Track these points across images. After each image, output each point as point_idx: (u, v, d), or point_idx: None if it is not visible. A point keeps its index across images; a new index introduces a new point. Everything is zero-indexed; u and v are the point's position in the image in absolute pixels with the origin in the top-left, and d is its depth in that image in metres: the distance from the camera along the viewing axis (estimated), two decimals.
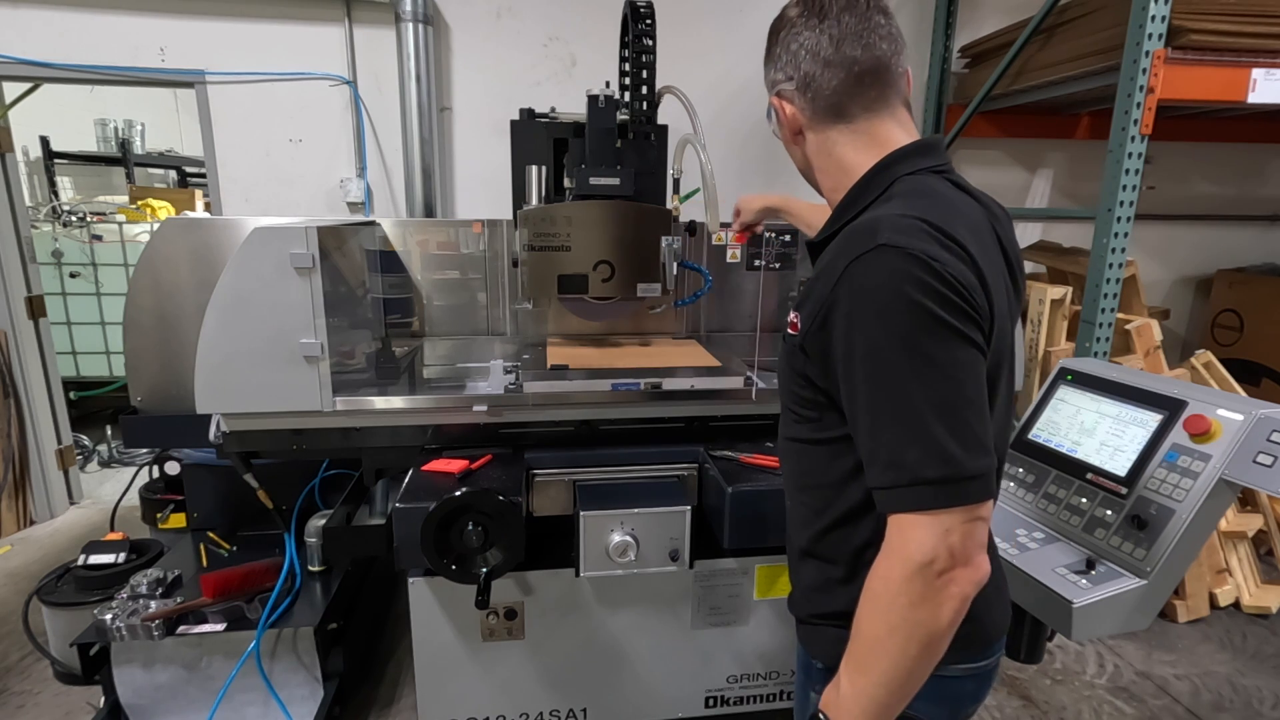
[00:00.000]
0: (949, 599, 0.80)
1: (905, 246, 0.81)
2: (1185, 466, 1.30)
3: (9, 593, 2.90)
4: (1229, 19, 2.36)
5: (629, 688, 1.99)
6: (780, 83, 1.02)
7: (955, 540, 0.79)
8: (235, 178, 3.26)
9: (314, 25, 3.15)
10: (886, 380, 0.81)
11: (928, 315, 0.79)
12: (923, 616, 0.80)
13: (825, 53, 0.96)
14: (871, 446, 0.84)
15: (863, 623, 0.85)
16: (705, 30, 3.33)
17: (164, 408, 2.11)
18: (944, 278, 0.80)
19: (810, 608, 1.05)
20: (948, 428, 0.79)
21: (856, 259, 0.83)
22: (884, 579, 0.83)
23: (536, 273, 2.04)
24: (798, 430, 1.02)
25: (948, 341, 0.80)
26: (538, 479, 1.83)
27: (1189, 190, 3.98)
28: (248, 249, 1.60)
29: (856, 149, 0.99)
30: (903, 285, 0.80)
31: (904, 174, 0.95)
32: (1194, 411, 1.35)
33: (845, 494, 0.95)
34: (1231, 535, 2.91)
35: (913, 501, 0.80)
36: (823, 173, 1.04)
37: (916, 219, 0.84)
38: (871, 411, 0.83)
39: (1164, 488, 1.32)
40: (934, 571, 0.79)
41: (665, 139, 2.23)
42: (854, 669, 0.86)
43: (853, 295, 0.83)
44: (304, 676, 2.03)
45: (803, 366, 0.95)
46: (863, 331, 0.82)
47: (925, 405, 0.80)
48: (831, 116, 0.99)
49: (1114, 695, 2.42)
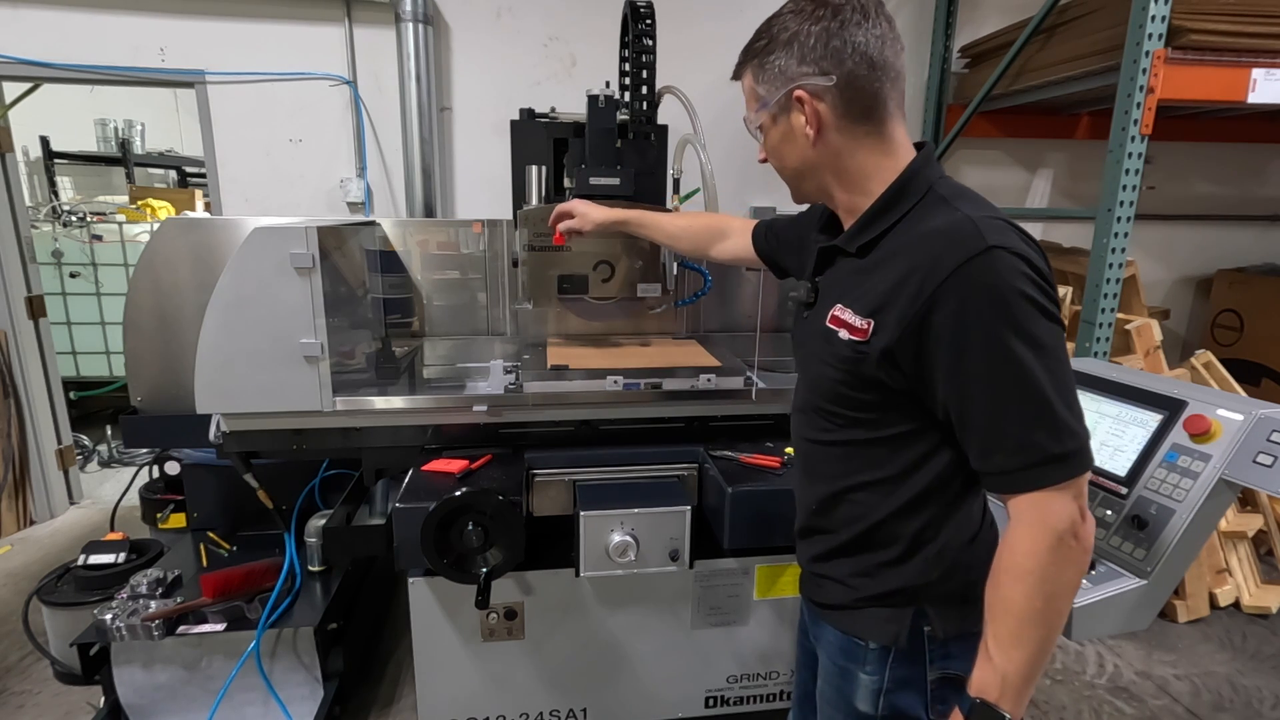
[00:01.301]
0: (1085, 552, 0.89)
1: (1010, 247, 0.87)
2: (1185, 466, 1.30)
3: (9, 593, 2.90)
4: (1229, 19, 2.36)
5: (629, 688, 1.99)
6: (807, 77, 0.97)
7: (1082, 502, 0.89)
8: (235, 178, 3.26)
9: (314, 25, 3.15)
10: (1011, 371, 0.86)
11: (1039, 308, 0.87)
12: (1071, 576, 0.89)
13: (874, 53, 0.95)
14: (992, 434, 0.89)
15: (1015, 601, 0.89)
16: (705, 30, 3.33)
17: (164, 408, 2.10)
18: (1042, 273, 0.89)
19: (860, 593, 1.07)
20: (1066, 405, 0.87)
21: (969, 260, 0.87)
22: (1033, 555, 0.88)
23: (536, 273, 2.04)
24: (848, 433, 1.04)
25: (1054, 330, 0.88)
26: (538, 479, 1.83)
27: (1189, 190, 3.98)
28: (248, 249, 1.60)
29: (878, 153, 1.00)
30: (1019, 282, 0.86)
31: (935, 178, 0.99)
32: (1194, 411, 1.35)
33: (907, 485, 1.01)
34: (1231, 535, 2.91)
35: (1050, 477, 0.87)
36: (839, 175, 1.03)
37: (1002, 220, 0.91)
38: (995, 402, 0.88)
39: (1164, 488, 1.32)
40: (1072, 534, 0.87)
41: (665, 139, 2.23)
42: (1010, 644, 0.90)
43: (969, 295, 0.87)
44: (304, 676, 2.03)
45: (874, 370, 0.96)
46: (984, 326, 0.86)
47: (1048, 389, 0.86)
48: (863, 119, 0.99)
49: (1114, 695, 2.42)
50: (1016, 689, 0.90)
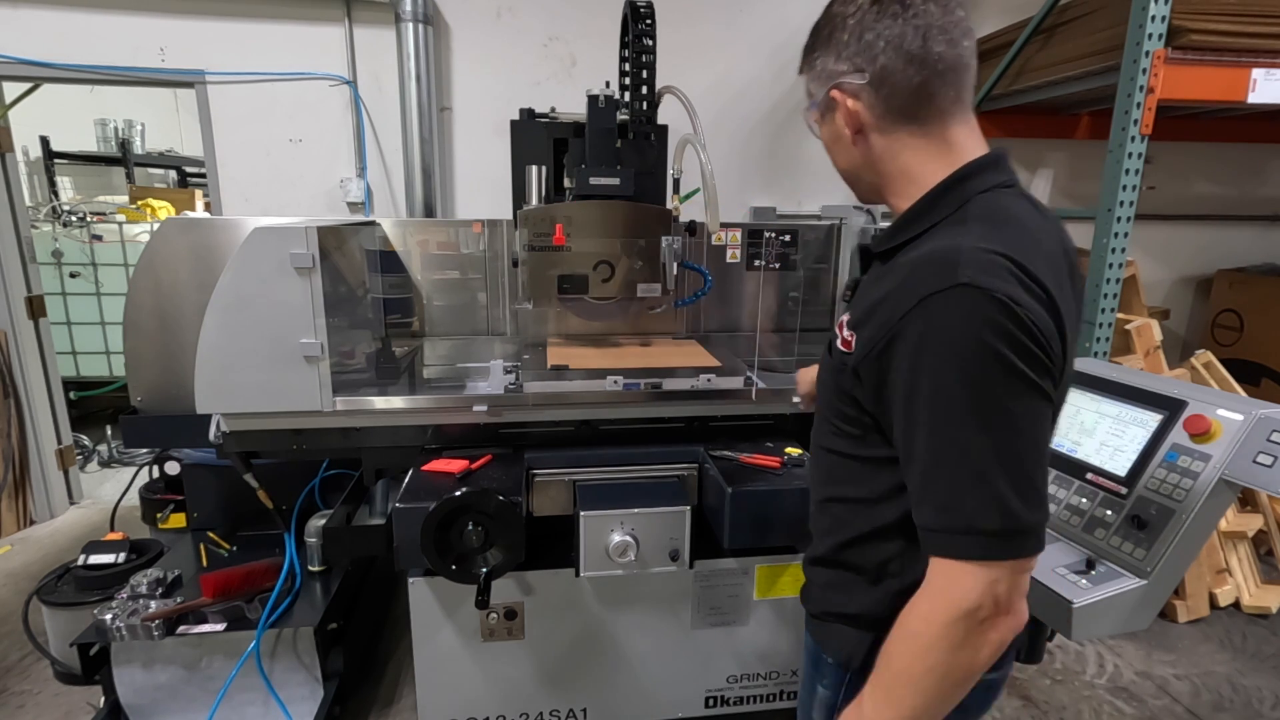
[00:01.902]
0: (988, 644, 0.80)
1: (989, 288, 0.76)
2: (1185, 466, 1.30)
3: (9, 593, 2.90)
4: (1229, 19, 2.36)
5: (629, 688, 1.99)
6: (844, 75, 0.90)
7: (1001, 590, 0.79)
8: (235, 178, 3.26)
9: (314, 25, 3.15)
10: (952, 426, 0.78)
11: (1004, 365, 0.76)
12: (961, 660, 0.81)
13: (911, 46, 0.86)
14: (925, 486, 0.82)
15: (896, 657, 0.85)
16: (705, 30, 3.33)
17: (164, 408, 2.10)
18: (1025, 325, 0.76)
19: (826, 604, 1.05)
20: (1010, 481, 0.78)
21: (934, 294, 0.78)
22: (925, 620, 0.82)
23: (536, 273, 2.04)
24: (835, 443, 1.00)
25: (1021, 394, 0.77)
26: (538, 479, 1.83)
27: (1189, 190, 3.98)
28: (248, 249, 1.60)
29: (926, 156, 0.91)
30: (982, 331, 0.76)
31: (978, 191, 0.89)
32: (1194, 411, 1.35)
33: (878, 511, 0.95)
34: (1231, 535, 2.91)
35: (964, 549, 0.79)
36: (885, 179, 0.96)
37: (1000, 255, 0.79)
38: (931, 452, 0.81)
39: (1164, 488, 1.32)
40: (977, 619, 0.79)
41: (665, 139, 2.23)
42: (881, 699, 0.86)
43: (925, 333, 0.79)
44: (304, 676, 2.03)
45: (851, 387, 0.92)
46: (933, 372, 0.79)
47: (990, 456, 0.77)
48: (903, 118, 0.90)
49: (1114, 695, 2.42)
50: None
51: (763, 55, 3.38)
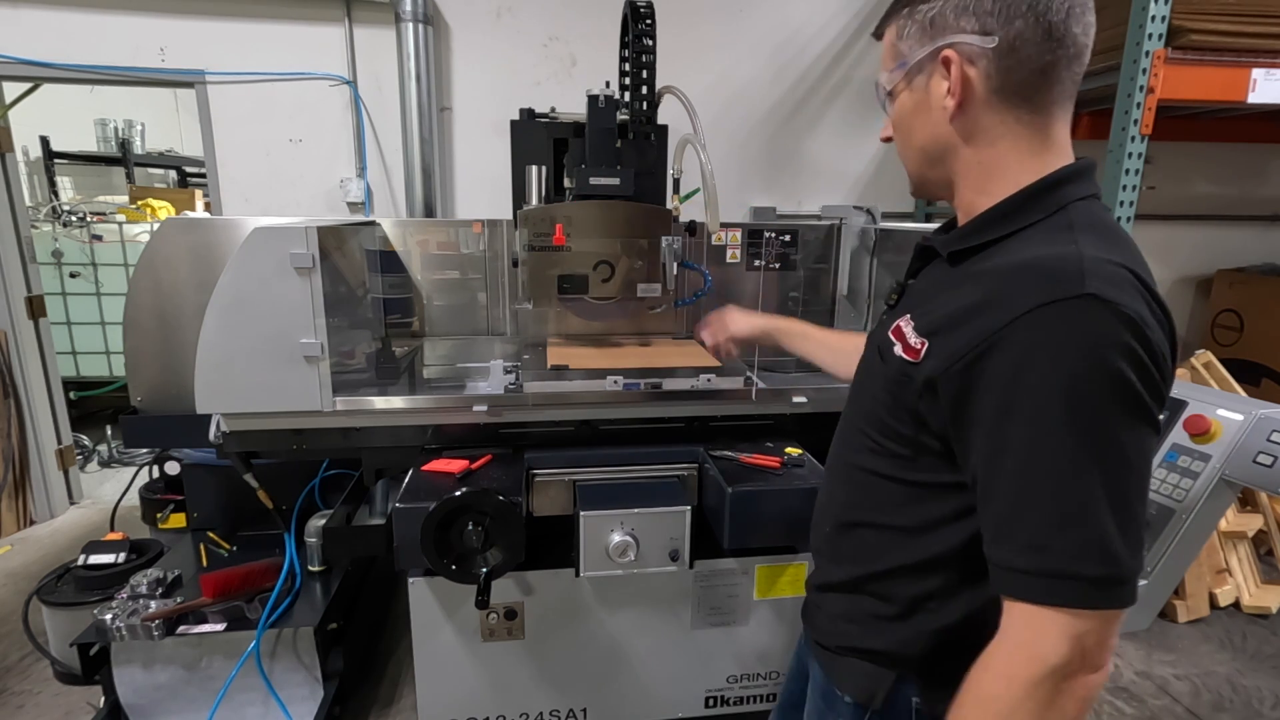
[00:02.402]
0: (1076, 704, 0.71)
1: (1118, 302, 0.68)
2: (1185, 466, 1.31)
3: (9, 593, 2.90)
4: (1229, 19, 2.36)
5: (629, 688, 1.99)
6: (965, 33, 0.78)
7: (1091, 643, 0.70)
8: (235, 178, 3.26)
9: (314, 25, 3.15)
10: (1055, 454, 0.69)
11: (1125, 390, 0.68)
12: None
13: (1055, 17, 0.76)
14: (1011, 519, 0.73)
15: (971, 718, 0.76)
16: (705, 30, 3.33)
17: (164, 408, 2.10)
18: (1151, 348, 0.69)
19: (842, 639, 0.96)
20: (1119, 523, 0.69)
21: (1053, 303, 0.69)
22: (1007, 680, 0.72)
23: (536, 273, 2.04)
24: (874, 462, 0.90)
25: (1139, 424, 0.69)
26: (538, 479, 1.83)
27: (1189, 190, 3.98)
28: (248, 249, 1.60)
29: (1025, 148, 0.81)
30: (1108, 351, 0.68)
31: (1076, 198, 0.80)
32: (1194, 411, 1.35)
33: (921, 543, 0.86)
34: (1231, 535, 2.91)
35: (1057, 595, 0.70)
36: (969, 167, 0.84)
37: (1125, 268, 0.72)
38: (1024, 481, 0.71)
39: (1164, 488, 1.32)
40: (1064, 674, 0.70)
41: (665, 139, 2.23)
42: None
43: (1036, 345, 0.69)
44: (304, 676, 2.03)
45: (915, 401, 0.82)
46: (1039, 390, 0.69)
47: (1100, 492, 0.68)
48: (1018, 98, 0.79)
49: (1114, 695, 2.42)
50: None
51: (763, 55, 3.38)
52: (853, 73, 3.55)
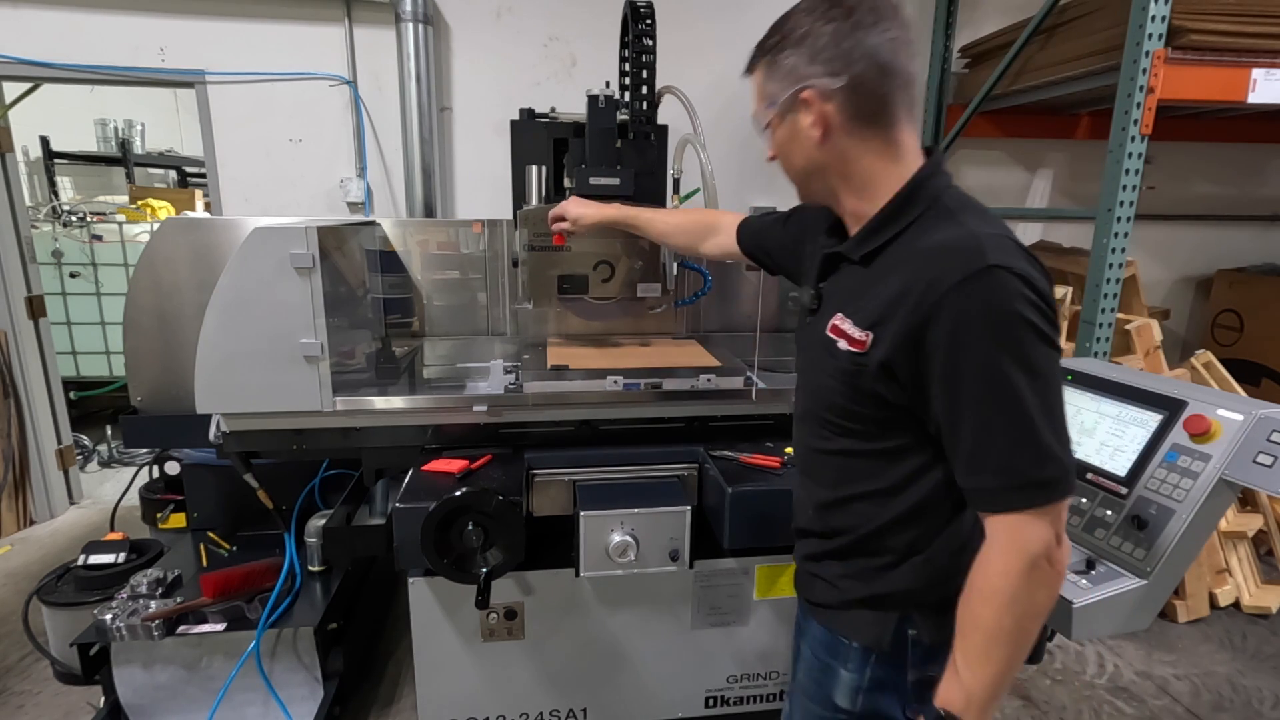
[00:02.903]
0: (1057, 578, 0.91)
1: (1013, 267, 0.86)
2: (1185, 466, 1.30)
3: (9, 593, 2.90)
4: (1229, 19, 2.36)
5: (629, 688, 1.99)
6: (816, 77, 0.96)
7: (1060, 528, 0.90)
8: (235, 178, 3.26)
9: (314, 25, 3.15)
10: (1000, 393, 0.87)
11: (1037, 331, 0.86)
12: (1042, 599, 0.91)
13: (884, 57, 0.94)
14: (979, 452, 0.90)
15: (984, 619, 0.91)
16: (705, 30, 3.33)
17: (164, 408, 2.10)
18: (1044, 295, 0.88)
19: (846, 594, 1.09)
20: (1053, 431, 0.87)
21: (967, 278, 0.86)
22: (1004, 574, 0.89)
23: (536, 273, 2.04)
24: (844, 443, 1.05)
25: (1048, 353, 0.88)
26: (538, 479, 1.83)
27: (1189, 190, 3.98)
28: (248, 249, 1.60)
29: (884, 159, 0.99)
30: (1014, 304, 0.85)
31: (942, 188, 0.98)
32: (1194, 411, 1.34)
33: (903, 498, 1.02)
34: (1231, 535, 2.91)
35: (1027, 500, 0.88)
36: (845, 179, 1.02)
37: (1007, 238, 0.91)
38: (982, 421, 0.88)
39: (1164, 488, 1.32)
40: (1046, 558, 0.89)
41: (665, 139, 2.23)
42: (978, 662, 0.93)
43: (964, 313, 0.87)
44: (304, 676, 2.03)
45: (873, 384, 0.97)
46: (975, 347, 0.87)
47: (1035, 413, 0.86)
48: (870, 123, 0.98)
49: (1114, 695, 2.42)
50: (981, 704, 0.93)
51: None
52: None
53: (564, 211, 1.81)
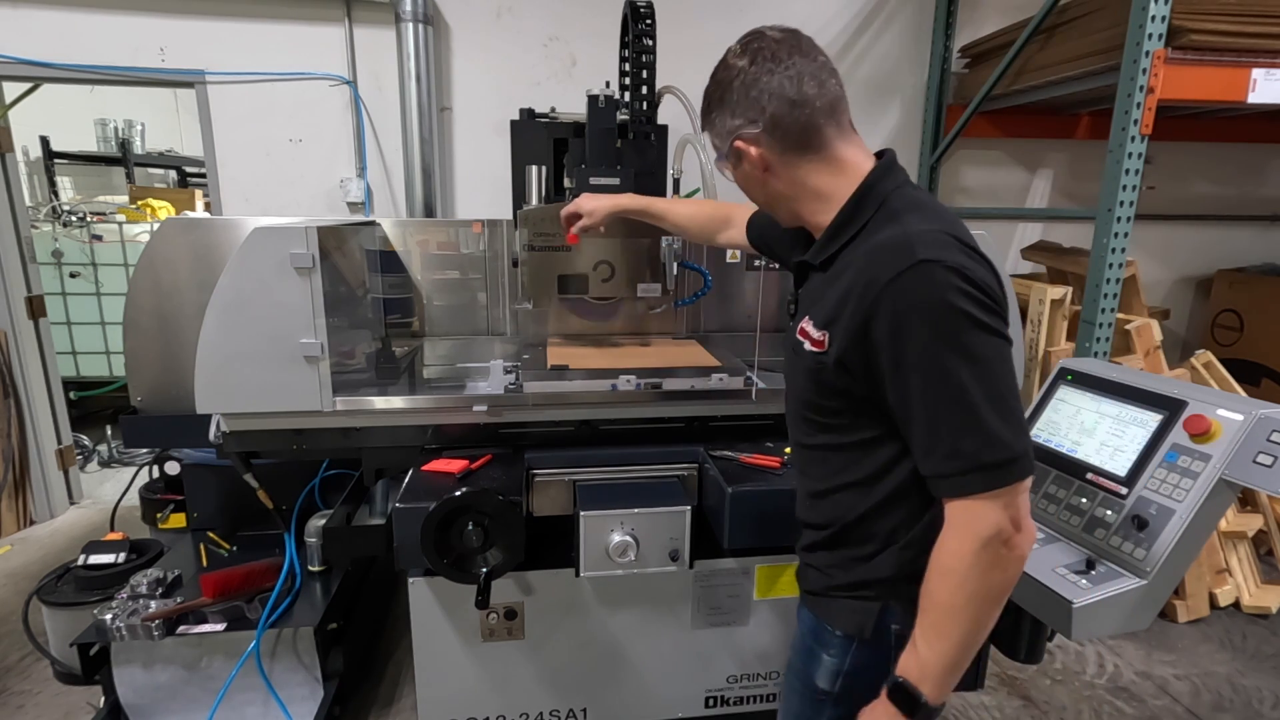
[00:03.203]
0: (1014, 562, 0.93)
1: (942, 260, 0.91)
2: (1185, 466, 1.30)
3: (9, 593, 2.90)
4: (1229, 19, 2.36)
5: (629, 688, 1.99)
6: (741, 128, 1.07)
7: (1015, 512, 0.92)
8: (235, 178, 3.26)
9: (314, 25, 3.15)
10: (941, 381, 0.91)
11: (969, 319, 0.90)
12: (995, 580, 0.93)
13: (789, 93, 1.02)
14: (929, 439, 0.94)
15: (938, 595, 0.95)
16: (705, 30, 3.33)
17: (164, 408, 2.10)
18: (976, 283, 0.91)
19: (831, 581, 1.14)
20: (999, 415, 0.90)
21: (901, 274, 0.91)
22: (958, 556, 0.93)
23: (536, 273, 2.04)
24: (822, 437, 1.10)
25: (988, 341, 0.91)
26: (538, 479, 1.83)
27: (1189, 190, 3.98)
28: (248, 249, 1.60)
29: (829, 175, 1.07)
30: (945, 295, 0.89)
31: (889, 190, 1.04)
32: (1194, 411, 1.35)
33: (879, 488, 1.06)
34: (1231, 535, 2.91)
35: (976, 485, 0.91)
36: (798, 201, 1.11)
37: (941, 233, 0.95)
38: (928, 410, 0.92)
39: (1164, 488, 1.32)
40: (1000, 541, 0.91)
41: (665, 139, 2.23)
42: (933, 635, 0.96)
43: (899, 307, 0.91)
44: (304, 676, 2.03)
45: (833, 379, 1.02)
46: (913, 339, 0.91)
47: (977, 399, 0.90)
48: (800, 150, 1.06)
49: (1114, 695, 2.42)
50: (935, 675, 0.97)
51: None
52: (853, 72, 3.55)
53: (578, 207, 1.80)
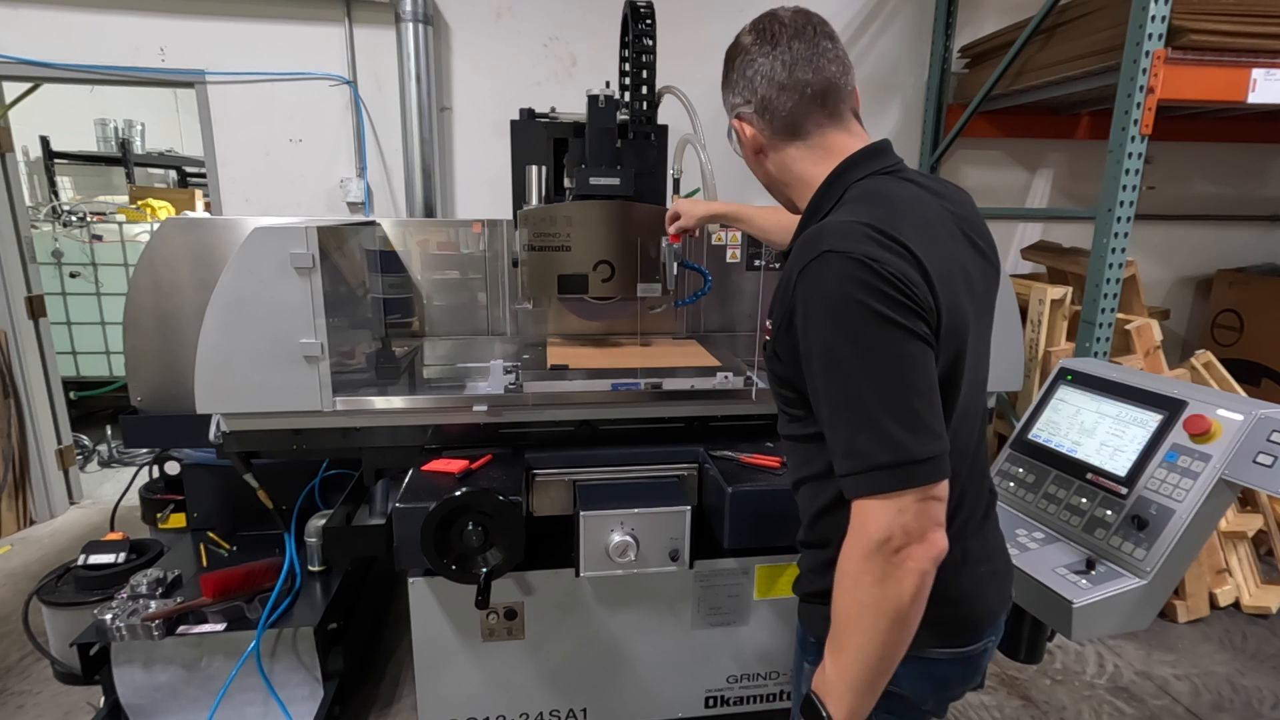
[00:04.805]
0: (908, 574, 0.85)
1: (846, 251, 0.87)
2: (1185, 466, 1.30)
3: (9, 593, 2.90)
4: (1229, 19, 2.36)
5: (629, 688, 1.99)
6: (739, 106, 1.09)
7: (909, 519, 0.85)
8: (235, 178, 3.26)
9: (314, 25, 3.15)
10: (838, 375, 0.88)
11: (871, 313, 0.85)
12: (886, 592, 0.86)
13: (779, 77, 1.03)
14: (832, 437, 0.91)
15: (837, 603, 0.91)
16: (705, 30, 3.33)
17: (164, 408, 2.10)
18: (884, 276, 0.86)
19: (807, 586, 1.12)
20: (895, 416, 0.85)
21: (806, 266, 0.90)
22: (848, 558, 0.89)
23: (536, 273, 2.04)
24: (790, 428, 1.08)
25: (892, 336, 0.86)
26: (538, 479, 1.83)
27: (1189, 190, 3.98)
28: (248, 249, 1.60)
29: (813, 162, 1.07)
30: (845, 287, 0.86)
31: (856, 179, 1.02)
32: (1194, 411, 1.35)
33: (833, 482, 0.98)
34: (1231, 535, 2.91)
35: (869, 486, 0.86)
36: (787, 186, 1.12)
37: (858, 223, 0.91)
38: (830, 405, 0.90)
39: (1164, 488, 1.32)
40: (891, 549, 0.85)
41: (665, 139, 2.23)
42: (834, 647, 0.92)
43: (806, 300, 0.90)
44: (304, 676, 2.03)
45: (777, 368, 1.03)
46: (816, 332, 0.89)
47: (873, 396, 0.86)
48: (788, 135, 1.07)
49: (1114, 695, 2.42)
50: (838, 692, 0.90)
51: None
52: None
53: (678, 210, 1.87)
